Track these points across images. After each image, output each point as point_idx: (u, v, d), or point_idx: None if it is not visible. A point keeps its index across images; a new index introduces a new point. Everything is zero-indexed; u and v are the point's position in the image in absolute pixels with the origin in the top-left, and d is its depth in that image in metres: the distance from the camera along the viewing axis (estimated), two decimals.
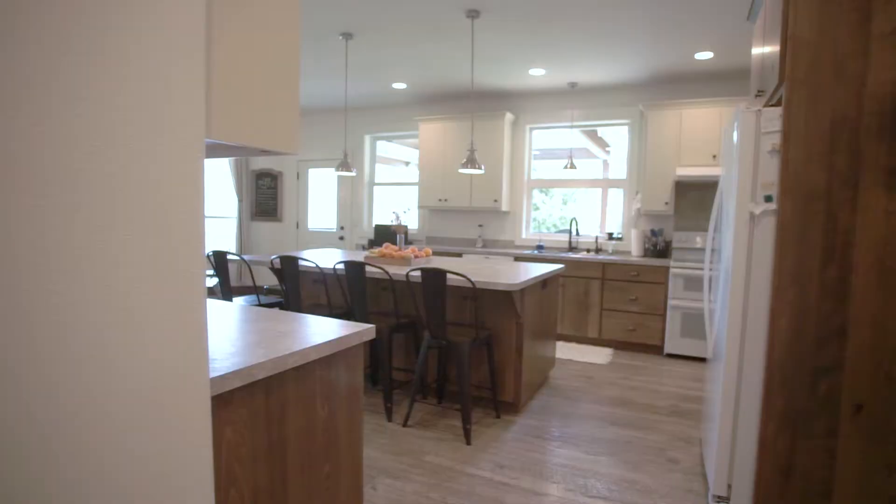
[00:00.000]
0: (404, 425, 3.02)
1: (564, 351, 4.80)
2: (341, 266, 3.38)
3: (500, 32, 3.91)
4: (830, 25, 1.74)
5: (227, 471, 1.16)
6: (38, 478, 0.73)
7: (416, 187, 6.38)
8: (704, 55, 4.28)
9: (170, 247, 0.90)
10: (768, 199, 1.99)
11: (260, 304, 3.48)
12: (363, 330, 1.55)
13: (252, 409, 1.22)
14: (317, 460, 1.45)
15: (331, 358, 1.46)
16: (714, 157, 4.69)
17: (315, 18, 3.76)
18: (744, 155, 2.04)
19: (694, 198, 5.08)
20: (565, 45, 4.16)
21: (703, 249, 4.98)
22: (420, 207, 6.25)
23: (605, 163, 6.94)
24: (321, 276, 3.75)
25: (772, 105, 2.15)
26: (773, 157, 1.98)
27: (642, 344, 4.85)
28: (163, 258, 0.88)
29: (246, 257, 3.87)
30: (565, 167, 5.51)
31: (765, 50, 2.33)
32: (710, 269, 2.68)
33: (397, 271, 3.20)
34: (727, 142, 2.42)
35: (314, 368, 1.40)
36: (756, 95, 2.45)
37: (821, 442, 1.77)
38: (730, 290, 2.09)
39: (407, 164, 7.82)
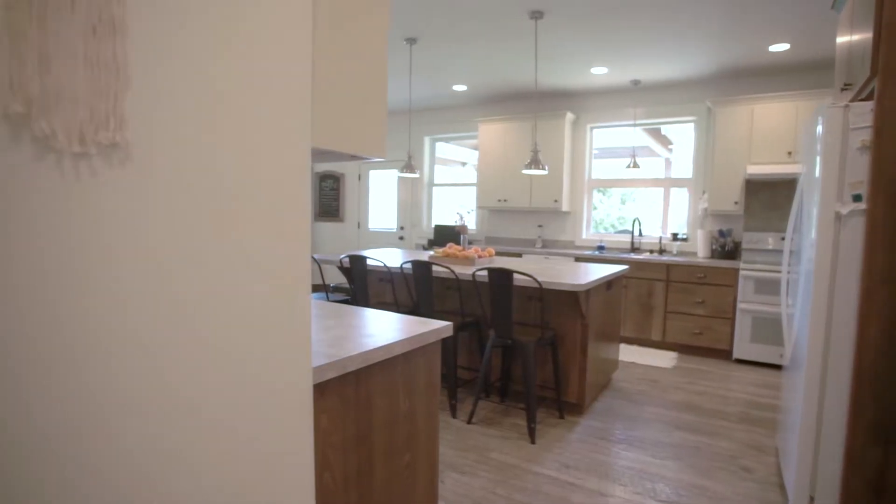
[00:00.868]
0: (468, 422, 3.07)
1: (627, 353, 4.71)
2: (408, 265, 3.47)
3: (564, 32, 3.89)
4: None
5: (322, 455, 1.24)
6: (185, 450, 0.83)
7: (474, 188, 6.42)
8: (779, 47, 4.08)
9: (284, 246, 0.98)
10: (857, 198, 1.90)
11: (328, 301, 3.63)
12: (442, 327, 1.61)
13: (344, 399, 1.30)
14: (398, 450, 1.52)
15: (412, 353, 1.52)
16: (789, 154, 4.46)
17: None
18: (829, 152, 1.96)
19: (766, 197, 4.85)
20: (629, 43, 4.09)
21: (775, 251, 4.75)
22: (479, 208, 6.30)
23: (668, 161, 6.73)
24: (388, 275, 3.86)
25: (861, 99, 2.05)
26: (862, 154, 1.89)
27: (708, 348, 4.69)
28: (279, 257, 0.97)
29: (315, 256, 4.04)
30: (628, 166, 5.40)
31: (853, 40, 2.22)
32: (788, 272, 2.57)
33: (463, 271, 3.26)
34: (808, 138, 2.32)
35: (397, 363, 1.47)
36: (842, 89, 2.34)
37: None
38: (812, 293, 2.01)
39: (464, 164, 7.87)
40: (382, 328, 1.57)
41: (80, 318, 0.68)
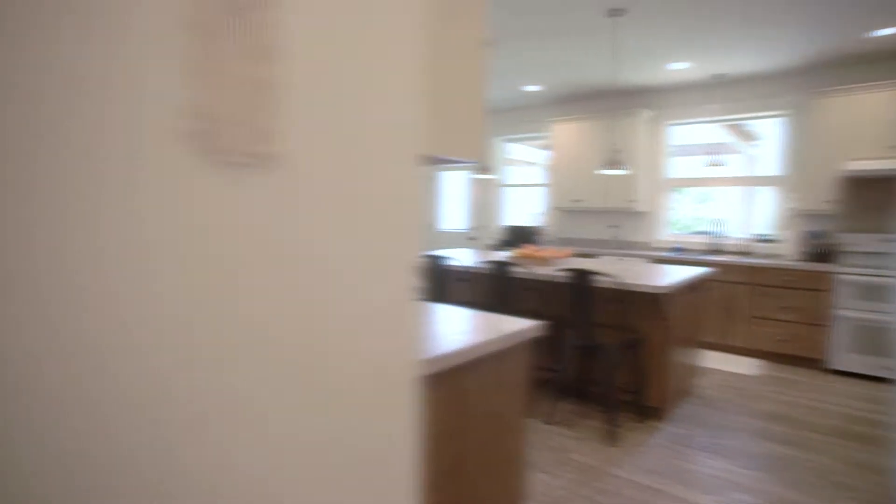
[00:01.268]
0: (547, 423, 3.08)
1: (709, 359, 4.53)
2: (487, 265, 3.52)
3: (643, 29, 3.81)
4: None
5: (425, 445, 1.32)
6: (300, 441, 0.91)
7: (544, 188, 6.38)
8: (884, 32, 3.78)
9: (399, 247, 1.06)
10: None
11: None
12: (533, 326, 1.65)
13: (445, 393, 1.37)
14: (490, 445, 1.57)
15: (505, 351, 1.57)
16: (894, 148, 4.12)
17: None
18: None
19: (866, 195, 4.50)
20: (714, 36, 3.93)
21: (879, 253, 4.40)
22: (552, 208, 6.25)
23: (752, 158, 6.38)
24: (465, 275, 3.93)
25: None
26: None
27: (798, 356, 4.41)
28: (394, 258, 1.05)
29: None
30: (709, 164, 5.18)
31: None
32: None
33: (541, 271, 3.27)
34: None
35: (492, 360, 1.53)
36: None
37: None
38: None
39: (532, 164, 7.84)
40: (474, 326, 1.62)
41: (241, 308, 0.78)
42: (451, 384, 1.39)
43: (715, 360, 4.49)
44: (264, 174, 0.82)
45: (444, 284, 3.53)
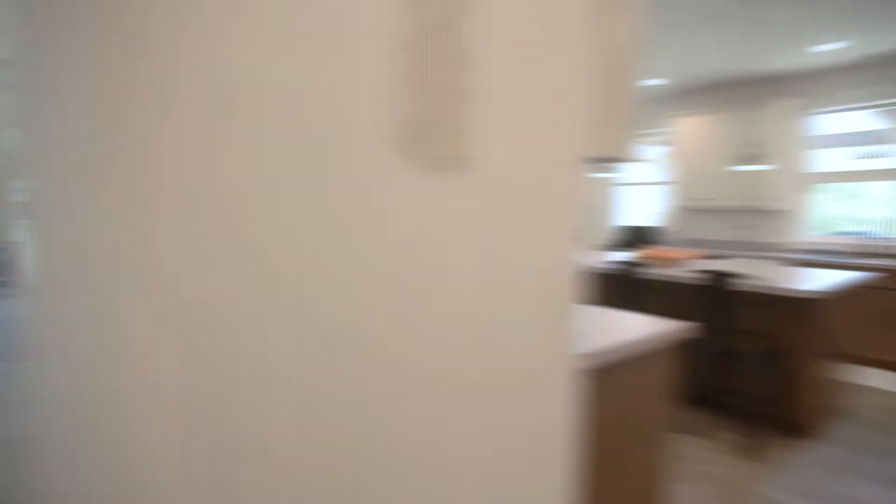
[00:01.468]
0: (677, 431, 2.93)
1: (865, 376, 4.02)
2: (613, 266, 3.42)
3: (785, 9, 3.48)
4: None
5: (580, 440, 1.33)
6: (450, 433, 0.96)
7: (667, 186, 6.06)
8: None
9: (565, 245, 1.08)
10: None
11: None
12: (681, 327, 1.59)
13: (600, 388, 1.37)
14: (636, 444, 1.54)
15: (655, 352, 1.54)
16: None
17: None
18: None
19: None
20: (877, 7, 3.48)
21: None
22: (675, 207, 5.92)
23: None
24: (586, 275, 3.85)
25: None
26: None
27: None
28: (562, 255, 1.07)
29: None
30: (862, 156, 4.61)
31: None
32: None
33: (672, 273, 3.12)
34: None
35: (646, 358, 1.50)
36: None
37: None
38: None
39: (648, 161, 7.46)
40: (626, 326, 1.61)
41: (434, 297, 0.85)
42: (606, 379, 1.39)
43: (875, 378, 3.98)
44: (461, 175, 0.89)
45: None
